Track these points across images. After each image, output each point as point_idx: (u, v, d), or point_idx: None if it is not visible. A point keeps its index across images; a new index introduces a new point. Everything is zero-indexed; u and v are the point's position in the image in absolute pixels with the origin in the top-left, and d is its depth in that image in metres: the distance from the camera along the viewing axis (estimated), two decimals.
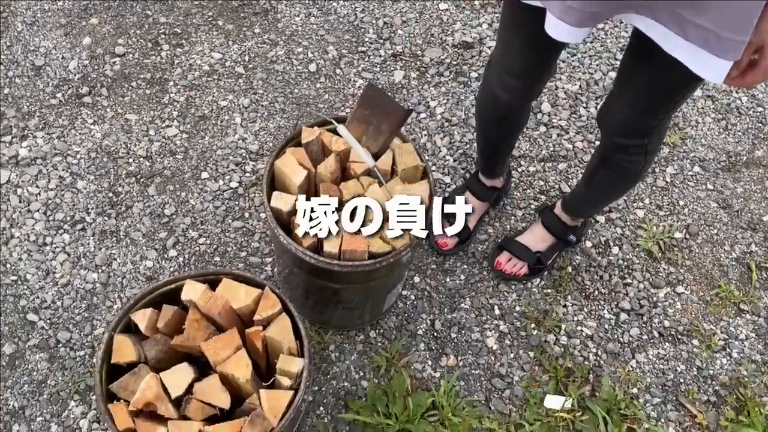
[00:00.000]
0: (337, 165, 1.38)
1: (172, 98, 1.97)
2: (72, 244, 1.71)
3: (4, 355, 1.56)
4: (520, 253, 1.73)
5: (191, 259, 1.72)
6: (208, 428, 1.10)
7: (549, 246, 1.74)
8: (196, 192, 1.82)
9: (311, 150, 1.40)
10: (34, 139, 1.86)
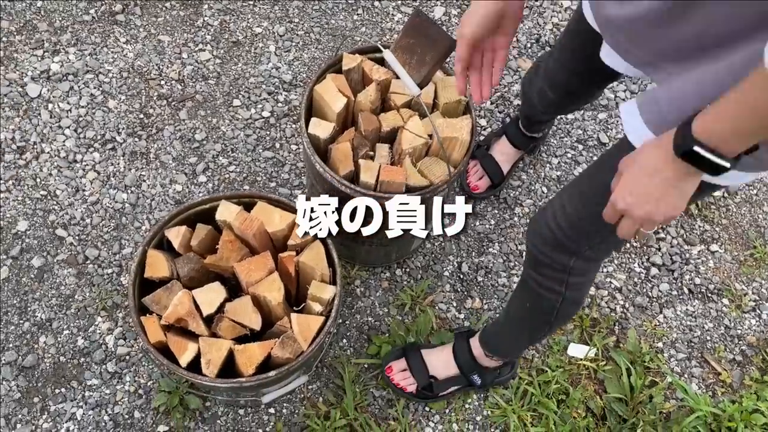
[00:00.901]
0: (377, 94, 1.34)
1: (206, 21, 1.93)
2: (102, 162, 1.69)
3: (33, 267, 1.56)
4: (416, 369, 1.47)
5: (220, 185, 1.70)
6: (239, 346, 1.10)
7: (448, 376, 1.46)
8: (228, 119, 1.79)
9: (351, 78, 1.36)
10: (66, 54, 1.83)
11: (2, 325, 1.49)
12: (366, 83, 1.38)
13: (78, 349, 1.49)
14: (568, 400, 1.50)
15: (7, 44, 1.83)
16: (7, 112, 1.73)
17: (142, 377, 1.47)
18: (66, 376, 1.46)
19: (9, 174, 1.65)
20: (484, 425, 1.49)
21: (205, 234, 1.18)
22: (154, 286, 1.15)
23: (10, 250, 1.57)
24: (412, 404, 1.50)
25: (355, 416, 1.45)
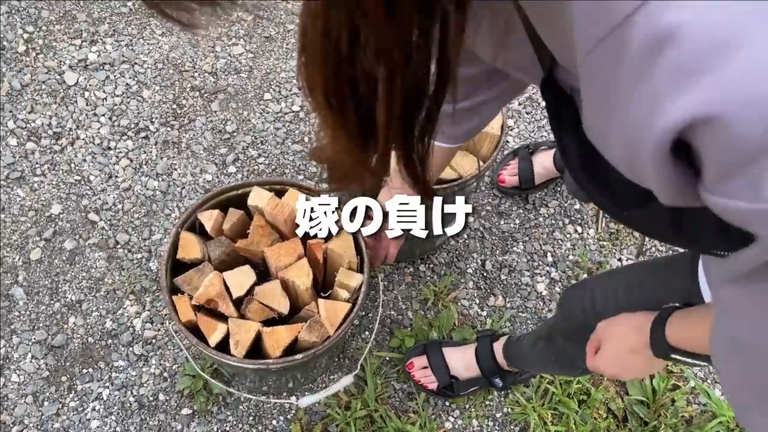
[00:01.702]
0: None
1: (239, 16, 1.96)
2: (135, 150, 1.73)
3: (65, 250, 1.60)
4: (437, 368, 1.47)
5: (249, 176, 1.73)
6: (267, 329, 1.12)
7: (470, 378, 1.47)
8: (258, 112, 1.82)
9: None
10: (103, 44, 1.87)
11: (34, 305, 1.53)
12: None
13: (106, 331, 1.52)
14: (589, 400, 1.50)
15: (47, 33, 1.88)
16: (44, 98, 1.78)
17: (167, 361, 1.49)
18: (94, 356, 1.49)
19: (45, 159, 1.70)
20: (504, 422, 1.50)
21: (237, 218, 1.20)
22: (184, 269, 1.17)
23: (43, 232, 1.61)
24: (432, 398, 1.50)
25: (375, 407, 1.46)
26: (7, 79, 1.79)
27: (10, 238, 1.60)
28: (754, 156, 0.31)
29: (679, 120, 0.31)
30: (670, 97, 0.31)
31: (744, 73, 0.29)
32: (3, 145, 1.70)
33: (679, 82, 0.31)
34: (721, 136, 0.31)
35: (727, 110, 0.30)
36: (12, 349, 1.48)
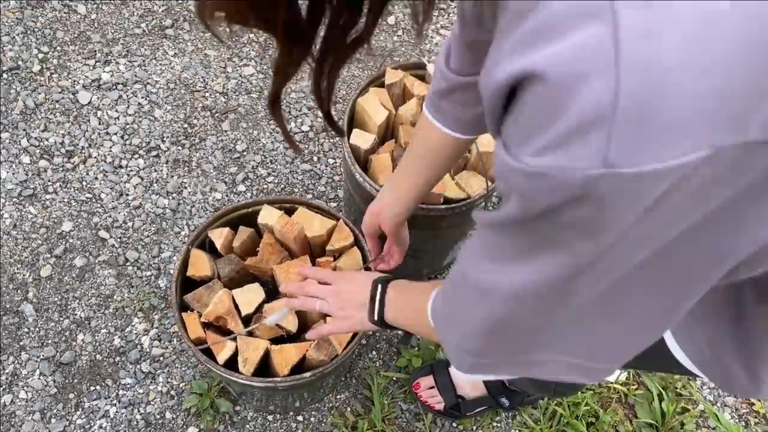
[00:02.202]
0: (418, 109, 1.37)
1: (251, 38, 1.99)
2: (146, 169, 1.75)
3: (75, 267, 1.61)
4: (444, 388, 1.46)
5: (259, 195, 1.74)
6: (275, 347, 1.12)
7: (476, 397, 1.46)
8: (268, 131, 1.84)
9: (393, 92, 1.40)
10: (116, 65, 1.90)
11: (43, 322, 1.54)
12: (407, 98, 1.41)
13: (114, 348, 1.52)
14: (597, 423, 1.49)
15: (62, 53, 1.91)
16: (58, 117, 1.80)
17: (174, 378, 1.50)
18: (101, 374, 1.49)
19: (57, 176, 1.72)
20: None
21: (247, 236, 1.21)
22: (194, 286, 1.18)
23: (54, 249, 1.62)
24: (439, 420, 1.50)
25: (382, 428, 1.46)
26: (22, 98, 1.82)
27: (21, 254, 1.61)
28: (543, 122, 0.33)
29: (509, 77, 0.34)
30: (513, 56, 0.34)
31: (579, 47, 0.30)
32: (16, 163, 1.72)
33: (525, 44, 0.33)
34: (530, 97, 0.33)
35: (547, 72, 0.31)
36: (21, 365, 1.49)
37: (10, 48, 1.90)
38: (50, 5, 1.99)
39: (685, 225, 0.36)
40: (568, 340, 0.48)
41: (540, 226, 0.37)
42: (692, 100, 0.30)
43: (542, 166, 0.33)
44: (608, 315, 0.44)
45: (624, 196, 0.32)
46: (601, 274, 0.39)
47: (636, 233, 0.36)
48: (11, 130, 1.77)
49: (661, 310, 0.44)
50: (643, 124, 0.30)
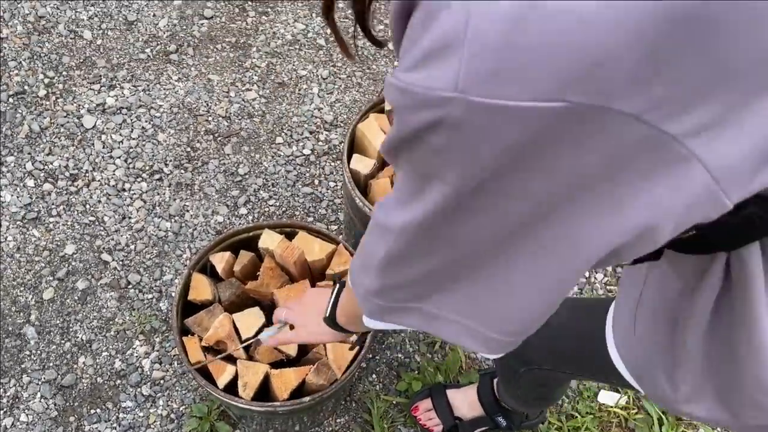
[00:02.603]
0: None
1: (254, 63, 2.02)
2: (149, 192, 1.77)
3: (77, 290, 1.62)
4: (441, 410, 1.47)
5: (260, 218, 1.75)
6: (275, 371, 1.13)
7: (474, 417, 1.46)
8: (270, 155, 1.86)
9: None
10: (121, 89, 1.93)
11: (45, 344, 1.54)
12: None
13: (115, 371, 1.53)
14: None
15: (67, 78, 1.94)
16: (63, 141, 1.82)
17: (174, 402, 1.50)
18: (102, 397, 1.50)
19: (61, 200, 1.73)
20: None
21: (248, 260, 1.22)
22: (195, 310, 1.19)
23: (56, 272, 1.63)
24: None
25: None
26: (27, 122, 1.84)
27: (24, 277, 1.62)
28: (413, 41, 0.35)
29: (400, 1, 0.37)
30: None
31: None
32: (21, 186, 1.74)
33: None
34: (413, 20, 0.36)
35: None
36: (22, 388, 1.49)
37: (17, 73, 1.94)
38: (56, 31, 2.03)
39: (557, 186, 0.37)
40: (456, 295, 0.50)
41: (415, 151, 0.39)
42: (548, 48, 0.31)
43: (409, 82, 0.36)
44: (490, 273, 0.46)
45: (477, 127, 0.34)
46: (478, 217, 0.41)
47: (504, 178, 0.37)
48: (16, 153, 1.80)
49: (550, 279, 0.45)
50: (494, 58, 0.32)
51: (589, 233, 0.40)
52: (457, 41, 0.32)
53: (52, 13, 2.07)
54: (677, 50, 0.30)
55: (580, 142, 0.34)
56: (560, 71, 0.31)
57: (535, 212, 0.39)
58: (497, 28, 0.31)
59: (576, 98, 0.31)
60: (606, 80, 0.31)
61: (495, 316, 0.50)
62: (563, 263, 0.43)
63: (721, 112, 0.33)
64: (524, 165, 0.35)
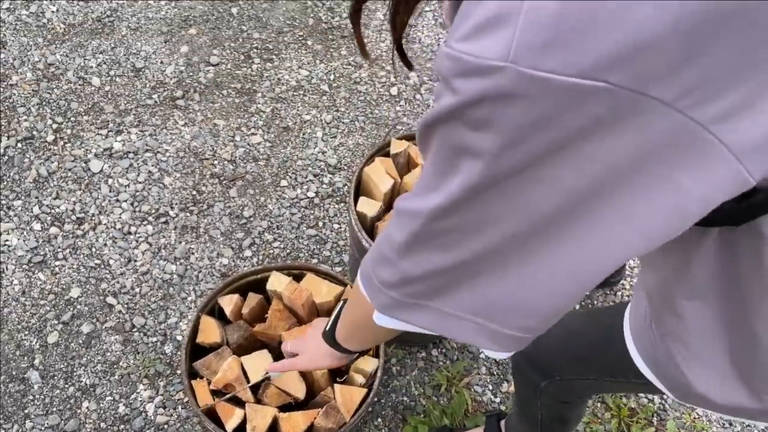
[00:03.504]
0: None
1: (258, 108, 2.06)
2: (154, 235, 1.78)
3: (82, 333, 1.62)
4: None
5: (265, 260, 1.76)
6: (283, 414, 1.12)
7: None
8: (275, 198, 1.88)
9: (398, 161, 1.44)
10: (128, 134, 1.96)
11: (48, 389, 1.53)
12: (411, 167, 1.46)
13: (119, 416, 1.51)
14: None
15: (75, 123, 1.97)
16: (70, 185, 1.85)
17: None
18: None
19: (67, 243, 1.74)
20: None
21: (256, 303, 1.23)
22: (202, 353, 1.19)
23: (61, 316, 1.63)
24: None
25: None
26: (35, 166, 1.87)
27: (29, 321, 1.62)
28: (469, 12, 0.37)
29: None
30: None
31: None
32: (27, 230, 1.76)
33: None
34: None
35: None
36: None
37: (26, 118, 1.97)
38: (66, 77, 2.07)
39: (588, 175, 0.37)
40: (474, 291, 0.49)
41: (453, 127, 0.40)
42: (594, 29, 0.32)
43: (461, 50, 0.37)
44: (514, 264, 0.45)
45: (521, 98, 0.35)
46: (506, 201, 0.41)
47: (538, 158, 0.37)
48: (24, 197, 1.82)
49: (575, 271, 0.44)
50: (545, 33, 0.33)
51: (616, 225, 0.40)
52: (513, 14, 0.34)
53: (62, 60, 2.11)
54: (710, 40, 0.32)
55: (615, 128, 0.35)
56: (603, 52, 0.32)
57: (564, 201, 0.39)
58: (551, 5, 0.33)
59: (616, 80, 0.33)
60: (644, 65, 0.32)
61: (513, 310, 0.49)
62: (590, 255, 0.42)
63: (746, 98, 0.34)
64: (559, 145, 0.36)
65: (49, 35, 2.18)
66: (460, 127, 0.39)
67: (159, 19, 2.25)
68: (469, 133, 0.39)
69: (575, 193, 0.38)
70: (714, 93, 0.33)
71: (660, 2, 0.31)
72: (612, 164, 0.36)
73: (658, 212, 0.39)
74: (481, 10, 0.36)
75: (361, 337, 0.82)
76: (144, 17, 2.25)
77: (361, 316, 0.74)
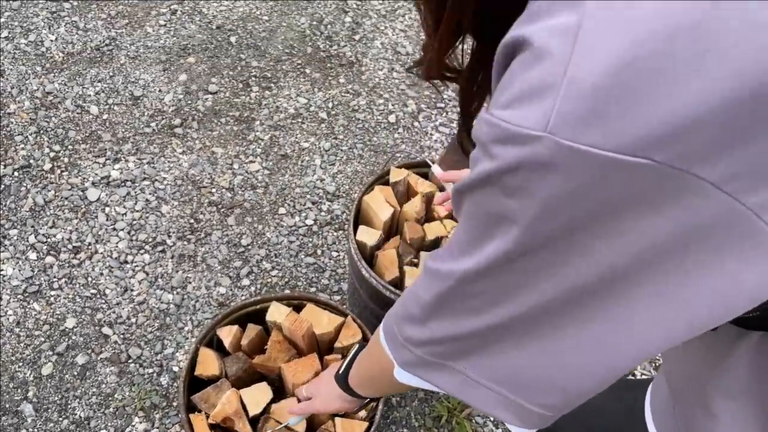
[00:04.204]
0: (422, 206, 1.41)
1: (257, 136, 2.06)
2: (151, 264, 1.76)
3: (77, 365, 1.59)
4: None
5: (262, 289, 1.75)
6: None
7: None
8: (273, 226, 1.87)
9: (398, 190, 1.44)
10: (126, 162, 1.95)
11: (42, 422, 1.50)
12: (411, 195, 1.45)
13: None
14: None
15: (73, 152, 1.97)
16: (66, 214, 1.83)
17: None
18: None
19: (63, 272, 1.73)
20: None
21: (255, 334, 1.21)
22: (201, 385, 1.17)
23: (56, 347, 1.61)
24: None
25: None
26: (32, 195, 1.86)
27: (23, 352, 1.60)
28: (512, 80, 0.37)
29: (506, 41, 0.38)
30: (514, 27, 0.38)
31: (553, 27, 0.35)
32: (23, 260, 1.74)
33: (522, 21, 0.38)
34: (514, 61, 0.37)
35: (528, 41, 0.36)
36: None
37: (23, 147, 1.96)
38: (63, 106, 2.07)
39: (627, 251, 0.36)
40: (499, 359, 0.48)
41: (489, 193, 0.39)
42: (638, 104, 0.32)
43: (501, 117, 0.37)
44: (542, 339, 0.44)
45: (559, 169, 0.34)
46: (540, 272, 0.40)
47: (575, 230, 0.36)
48: (20, 226, 1.80)
49: (606, 354, 0.43)
50: (586, 105, 0.33)
51: (654, 307, 0.39)
52: (555, 84, 0.34)
53: (60, 88, 2.12)
54: (757, 124, 0.31)
55: (657, 205, 0.34)
56: (646, 128, 0.32)
57: (599, 276, 0.38)
58: (594, 78, 0.32)
59: (660, 158, 0.32)
60: (688, 145, 0.32)
61: (538, 384, 0.48)
62: (624, 337, 0.41)
63: None
64: (596, 218, 0.36)
65: (48, 64, 2.19)
66: (496, 193, 0.39)
67: (158, 48, 2.26)
68: (505, 199, 0.38)
69: (611, 269, 0.38)
70: (764, 179, 0.33)
71: (706, 82, 0.31)
72: (653, 242, 0.36)
73: (702, 298, 0.38)
74: (524, 79, 0.36)
75: (375, 387, 0.81)
76: (143, 46, 2.27)
77: (377, 369, 0.74)
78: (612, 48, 0.32)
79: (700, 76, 0.31)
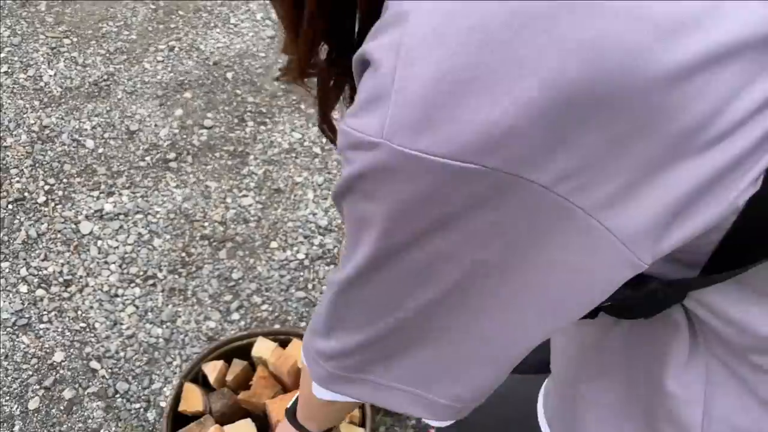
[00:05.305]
0: None
1: (251, 170, 2.08)
2: (142, 297, 1.76)
3: (63, 399, 1.58)
4: None
5: (252, 323, 1.74)
6: None
7: None
8: (264, 260, 1.88)
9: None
10: (119, 196, 1.97)
11: None
12: None
13: None
14: None
15: (67, 185, 1.98)
16: (59, 247, 1.84)
17: None
18: None
19: (53, 306, 1.73)
20: None
21: (240, 370, 1.21)
22: (185, 421, 1.16)
23: (44, 381, 1.60)
24: None
25: None
26: (25, 228, 1.87)
27: (10, 386, 1.59)
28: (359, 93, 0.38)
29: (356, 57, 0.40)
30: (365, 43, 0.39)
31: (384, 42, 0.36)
32: (13, 293, 1.74)
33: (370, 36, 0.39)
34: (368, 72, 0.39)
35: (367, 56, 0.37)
36: None
37: (18, 180, 1.98)
38: (60, 140, 2.09)
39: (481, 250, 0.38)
40: (401, 363, 0.49)
41: (349, 198, 0.41)
42: (461, 111, 0.33)
43: (350, 125, 0.38)
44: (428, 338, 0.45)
45: (398, 173, 0.36)
46: (406, 275, 0.41)
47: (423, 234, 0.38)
48: (11, 259, 1.81)
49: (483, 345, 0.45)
50: (414, 112, 0.34)
51: (519, 297, 0.41)
52: (387, 94, 0.35)
53: (57, 122, 2.14)
54: (579, 126, 0.33)
55: (497, 203, 0.35)
56: (472, 135, 0.33)
57: (462, 275, 0.40)
58: (417, 88, 0.34)
59: (488, 163, 0.34)
60: (514, 150, 0.33)
61: (443, 379, 0.49)
62: (503, 326, 0.43)
63: (628, 184, 0.35)
64: (445, 220, 0.37)
65: (46, 98, 2.22)
66: (358, 197, 0.40)
67: (155, 83, 2.30)
68: (365, 204, 0.40)
69: (470, 266, 0.39)
70: (593, 179, 0.35)
71: (522, 89, 0.32)
72: (505, 240, 0.37)
73: (559, 291, 0.40)
74: (364, 89, 0.38)
75: (312, 413, 0.80)
76: (140, 81, 2.30)
77: (308, 391, 0.72)
78: (431, 60, 0.34)
79: (515, 84, 0.32)
